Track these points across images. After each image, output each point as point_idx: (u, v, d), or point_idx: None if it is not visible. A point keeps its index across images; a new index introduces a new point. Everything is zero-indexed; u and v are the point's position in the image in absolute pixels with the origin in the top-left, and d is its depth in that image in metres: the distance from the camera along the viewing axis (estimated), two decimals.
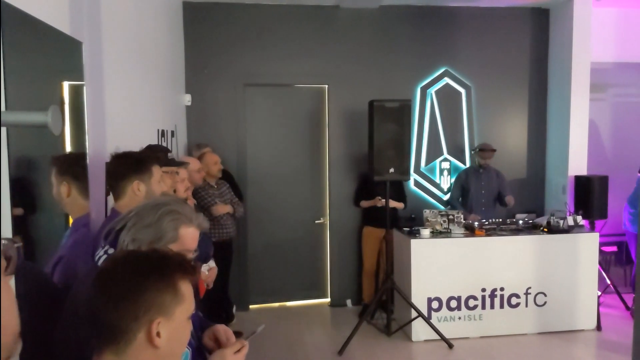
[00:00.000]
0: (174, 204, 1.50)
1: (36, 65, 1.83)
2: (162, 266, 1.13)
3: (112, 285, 1.08)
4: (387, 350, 4.76)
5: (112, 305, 1.07)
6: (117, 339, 1.09)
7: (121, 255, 1.17)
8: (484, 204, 5.60)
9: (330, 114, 5.87)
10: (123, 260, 1.14)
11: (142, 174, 2.06)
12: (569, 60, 5.69)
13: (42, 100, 1.87)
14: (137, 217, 1.46)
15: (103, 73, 2.61)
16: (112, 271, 1.11)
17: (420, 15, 5.85)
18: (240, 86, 5.69)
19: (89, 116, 2.25)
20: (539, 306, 5.03)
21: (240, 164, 5.69)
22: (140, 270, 1.11)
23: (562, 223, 5.07)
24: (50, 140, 1.86)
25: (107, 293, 1.08)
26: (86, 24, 2.33)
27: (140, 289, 1.09)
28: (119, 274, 1.10)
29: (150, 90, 3.95)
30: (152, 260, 1.14)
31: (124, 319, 1.08)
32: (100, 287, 1.09)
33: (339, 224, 5.93)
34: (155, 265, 1.13)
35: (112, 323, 1.08)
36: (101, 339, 1.10)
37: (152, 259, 1.15)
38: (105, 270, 1.13)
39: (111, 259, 1.17)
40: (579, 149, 5.75)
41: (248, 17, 5.64)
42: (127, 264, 1.12)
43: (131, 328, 1.09)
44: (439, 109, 6.00)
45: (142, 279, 1.10)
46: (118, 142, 2.75)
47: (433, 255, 4.89)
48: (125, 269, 1.10)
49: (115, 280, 1.09)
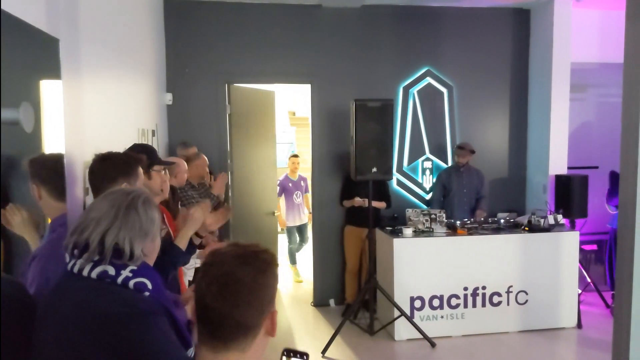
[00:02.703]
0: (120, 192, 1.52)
1: (9, 63, 1.78)
2: (268, 261, 1.22)
3: (240, 288, 1.15)
4: (370, 349, 4.76)
5: (243, 307, 1.15)
6: (246, 336, 1.17)
7: (229, 256, 1.21)
8: (466, 202, 5.63)
9: (314, 113, 5.85)
10: (237, 261, 1.19)
11: (130, 176, 2.04)
12: (549, 60, 5.74)
13: (16, 99, 1.82)
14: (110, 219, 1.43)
15: (81, 71, 2.56)
16: (232, 274, 1.16)
17: (403, 15, 5.87)
18: (222, 85, 5.64)
19: (66, 115, 2.20)
20: (521, 304, 5.07)
21: (222, 163, 5.64)
22: (258, 268, 1.19)
23: (543, 222, 5.11)
24: (26, 140, 1.82)
25: (235, 296, 1.15)
26: (63, 20, 2.29)
27: (262, 286, 1.19)
28: (241, 276, 1.16)
29: (131, 89, 3.90)
30: (259, 257, 1.21)
31: (253, 316, 1.17)
32: (227, 291, 1.15)
33: (322, 223, 5.92)
34: (264, 261, 1.21)
35: (242, 322, 1.16)
36: (229, 339, 1.16)
37: (257, 255, 1.22)
38: (225, 274, 1.16)
39: (220, 262, 1.20)
40: (560, 148, 5.81)
41: (230, 15, 5.60)
42: (244, 265, 1.18)
43: (258, 323, 1.19)
44: (421, 109, 6.02)
45: (262, 277, 1.19)
46: (97, 142, 2.71)
47: (415, 254, 4.90)
48: (244, 271, 1.17)
49: (241, 284, 1.15)
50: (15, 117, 1.00)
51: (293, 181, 7.05)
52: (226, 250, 1.22)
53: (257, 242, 1.29)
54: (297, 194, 7.03)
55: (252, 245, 1.26)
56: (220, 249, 1.23)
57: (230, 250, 1.22)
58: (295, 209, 7.04)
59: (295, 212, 7.04)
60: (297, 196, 7.03)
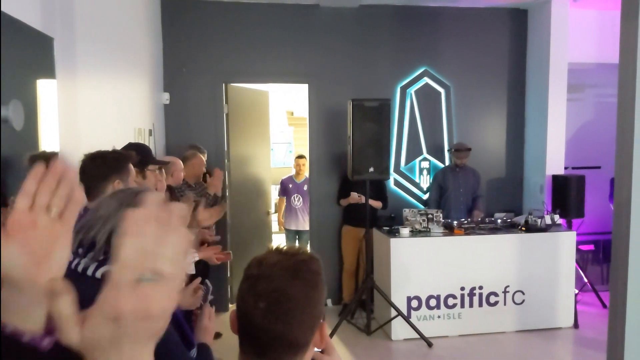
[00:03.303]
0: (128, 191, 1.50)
1: (2, 61, 1.78)
2: (319, 272, 1.14)
3: (293, 306, 1.07)
4: (367, 349, 4.76)
5: (296, 326, 1.07)
6: (296, 354, 1.10)
7: (278, 269, 1.11)
8: (463, 202, 5.63)
9: (311, 113, 5.86)
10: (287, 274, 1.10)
11: (121, 173, 2.04)
12: (546, 60, 5.75)
13: (8, 98, 1.81)
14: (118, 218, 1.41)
15: (76, 70, 2.56)
16: (284, 291, 1.07)
17: (400, 15, 5.87)
18: (219, 85, 5.64)
19: (60, 114, 2.20)
20: (517, 304, 5.08)
21: (219, 163, 5.63)
22: (310, 282, 1.11)
23: (540, 222, 5.12)
24: (19, 138, 1.81)
25: (288, 315, 1.06)
26: (58, 19, 2.28)
27: (315, 301, 1.10)
28: (294, 292, 1.07)
29: (127, 88, 3.90)
30: (310, 269, 1.13)
31: (306, 334, 1.10)
32: (279, 310, 1.06)
33: (319, 223, 5.92)
34: (315, 273, 1.13)
35: (294, 342, 1.08)
36: (279, 356, 1.09)
37: (308, 267, 1.13)
38: (275, 290, 1.07)
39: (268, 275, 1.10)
40: (557, 148, 5.81)
41: (228, 15, 5.59)
42: (295, 279, 1.09)
43: (310, 339, 1.11)
44: (419, 109, 6.02)
45: (314, 292, 1.10)
46: (93, 141, 2.70)
47: (412, 254, 4.90)
48: (297, 286, 1.08)
49: (294, 301, 1.07)
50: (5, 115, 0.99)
51: (295, 183, 6.57)
52: (273, 261, 1.11)
53: (301, 248, 1.21)
54: (297, 197, 6.52)
55: (298, 253, 1.16)
56: (266, 259, 1.12)
57: (277, 261, 1.11)
58: (293, 213, 6.58)
59: (292, 215, 6.58)
60: (297, 199, 6.53)
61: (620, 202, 2.21)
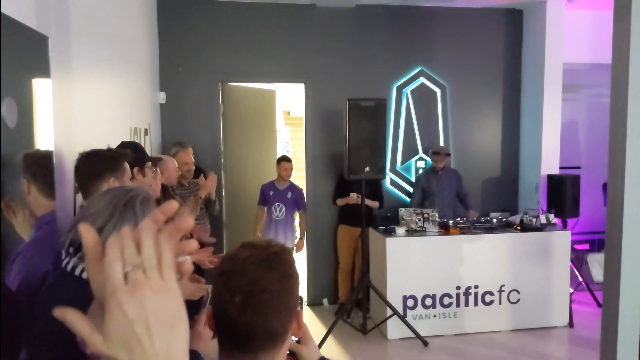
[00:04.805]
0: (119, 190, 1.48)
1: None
2: (291, 261, 1.15)
3: (268, 297, 1.07)
4: (363, 348, 4.77)
5: (273, 317, 1.08)
6: (275, 344, 1.11)
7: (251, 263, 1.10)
8: (447, 203, 5.61)
9: (307, 112, 5.86)
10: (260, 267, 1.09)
11: (117, 171, 2.04)
12: (541, 60, 5.77)
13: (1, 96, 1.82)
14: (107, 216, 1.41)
15: (72, 69, 2.56)
16: (258, 284, 1.07)
17: (396, 15, 5.88)
18: (215, 84, 5.64)
19: (55, 113, 2.20)
20: (513, 303, 5.09)
21: (215, 162, 5.64)
22: (283, 272, 1.11)
23: (535, 221, 5.13)
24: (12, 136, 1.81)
25: (264, 307, 1.06)
26: (53, 18, 2.28)
27: (290, 291, 1.11)
28: (268, 284, 1.07)
29: (123, 87, 3.90)
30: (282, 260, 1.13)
31: (283, 323, 1.11)
32: (254, 303, 1.06)
33: (315, 222, 5.92)
34: (288, 263, 1.14)
35: (272, 332, 1.09)
36: (258, 350, 1.10)
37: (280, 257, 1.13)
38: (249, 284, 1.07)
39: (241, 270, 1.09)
40: (552, 148, 5.83)
41: (224, 14, 5.59)
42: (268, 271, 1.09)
43: (287, 328, 1.13)
44: (415, 109, 6.03)
45: (288, 281, 1.11)
46: (88, 140, 2.70)
47: (408, 253, 4.91)
48: (270, 278, 1.08)
49: (269, 293, 1.07)
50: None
51: (277, 190, 5.40)
52: (245, 255, 1.11)
53: (271, 240, 1.20)
54: (278, 206, 5.33)
55: (269, 245, 1.16)
56: (238, 254, 1.12)
57: (249, 255, 1.11)
58: (272, 226, 5.34)
59: (271, 229, 5.33)
60: (278, 209, 5.32)
61: (613, 201, 2.22)
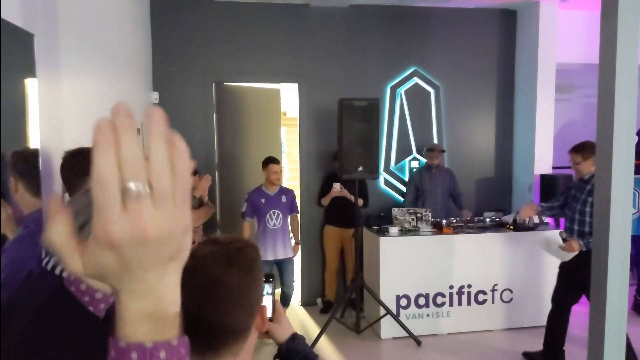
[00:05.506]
0: None
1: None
2: (253, 257, 1.13)
3: (229, 293, 1.06)
4: (356, 348, 4.77)
5: (234, 312, 1.07)
6: (237, 340, 1.10)
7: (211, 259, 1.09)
8: (440, 202, 5.62)
9: (301, 113, 5.86)
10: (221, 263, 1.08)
11: None
12: (535, 61, 5.78)
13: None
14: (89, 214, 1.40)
15: (59, 68, 2.55)
16: (218, 279, 1.06)
17: (390, 15, 5.88)
18: (209, 84, 5.63)
19: (41, 112, 2.19)
20: (506, 302, 5.10)
21: (208, 163, 5.63)
22: (244, 268, 1.10)
23: (528, 221, 5.14)
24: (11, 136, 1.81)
25: (224, 302, 1.06)
26: (40, 15, 2.27)
27: (251, 286, 1.10)
28: (229, 280, 1.06)
29: (113, 87, 3.88)
30: (244, 255, 1.12)
31: (245, 319, 1.10)
32: (215, 298, 1.05)
33: (310, 222, 5.92)
34: (250, 259, 1.12)
35: (234, 328, 1.08)
36: (220, 346, 1.08)
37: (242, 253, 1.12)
38: (210, 280, 1.06)
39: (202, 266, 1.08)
40: (545, 148, 5.85)
41: (217, 14, 5.59)
42: (229, 266, 1.08)
43: (250, 324, 1.12)
44: (409, 109, 6.04)
45: (249, 277, 1.10)
46: (77, 139, 2.68)
47: (401, 253, 4.92)
48: (231, 273, 1.07)
49: (229, 288, 1.06)
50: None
51: (268, 196, 4.98)
52: (206, 252, 1.09)
53: (235, 236, 1.18)
54: (274, 213, 4.96)
55: (232, 241, 1.15)
56: (199, 250, 1.10)
57: (210, 251, 1.10)
58: (270, 236, 4.93)
59: (269, 240, 4.93)
60: (274, 217, 4.96)
61: (600, 200, 2.22)
